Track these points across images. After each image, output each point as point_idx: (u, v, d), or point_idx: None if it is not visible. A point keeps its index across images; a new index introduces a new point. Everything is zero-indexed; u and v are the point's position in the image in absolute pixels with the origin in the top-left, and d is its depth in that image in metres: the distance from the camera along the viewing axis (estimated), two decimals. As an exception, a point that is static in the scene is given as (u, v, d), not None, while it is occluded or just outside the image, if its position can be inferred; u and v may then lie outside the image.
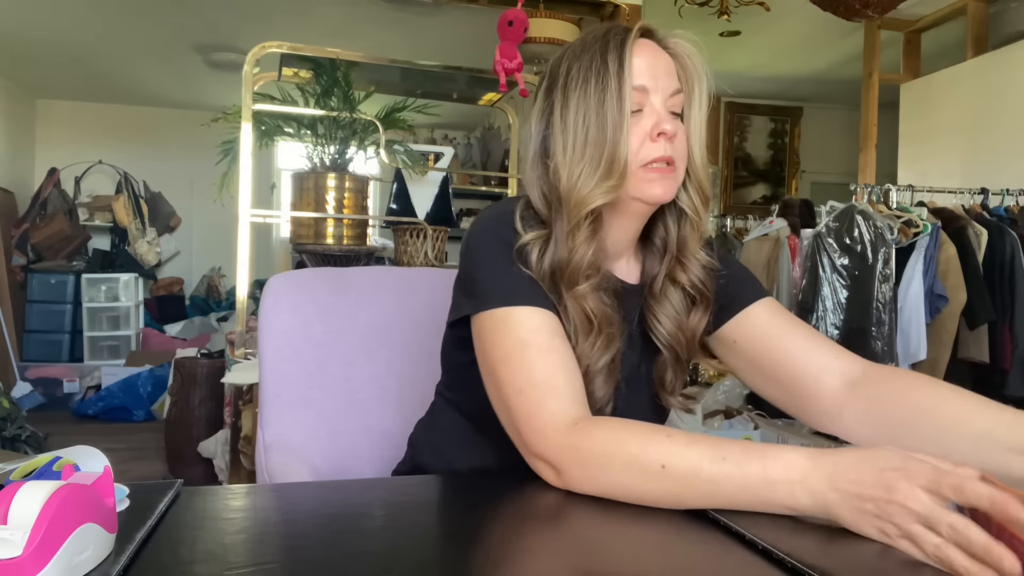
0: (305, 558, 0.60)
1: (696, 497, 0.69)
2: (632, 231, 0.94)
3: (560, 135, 0.88)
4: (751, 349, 0.94)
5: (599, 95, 0.86)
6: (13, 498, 0.50)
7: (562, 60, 0.91)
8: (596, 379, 0.85)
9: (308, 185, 2.59)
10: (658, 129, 0.87)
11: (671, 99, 0.90)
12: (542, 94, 0.93)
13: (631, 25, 0.92)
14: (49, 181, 5.93)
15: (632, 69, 0.87)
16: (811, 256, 3.05)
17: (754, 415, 2.34)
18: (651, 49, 0.91)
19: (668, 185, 0.89)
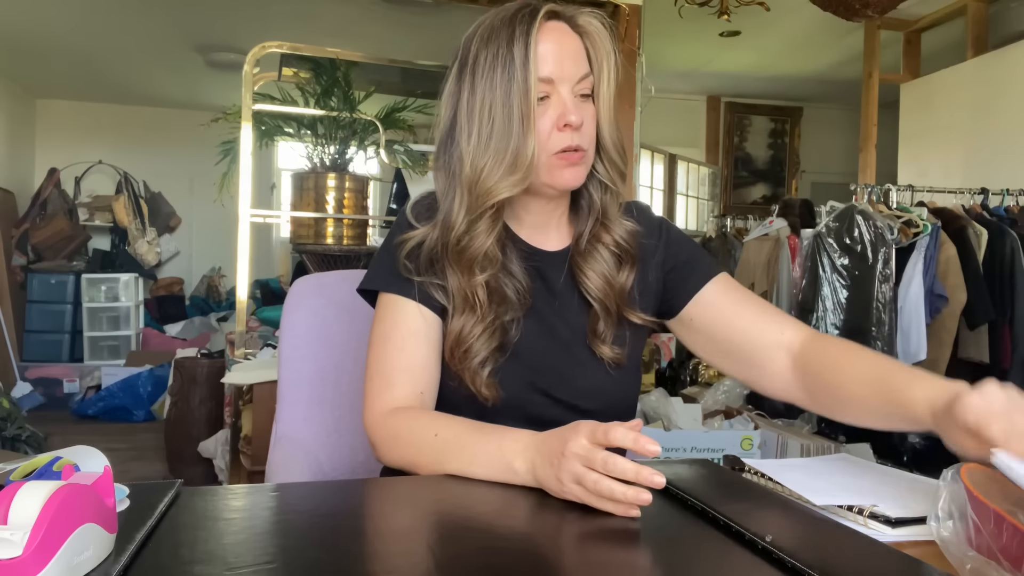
0: (305, 558, 0.60)
1: (456, 463, 0.80)
2: (553, 208, 0.97)
3: (466, 123, 0.89)
4: (708, 328, 0.98)
5: (505, 86, 0.86)
6: (13, 498, 0.50)
7: (472, 40, 0.92)
8: (474, 345, 0.90)
9: (308, 185, 2.59)
10: (564, 120, 0.88)
11: (579, 84, 0.90)
12: (453, 75, 0.93)
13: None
14: (49, 181, 5.93)
15: (538, 59, 0.86)
16: (811, 256, 3.05)
17: (754, 415, 2.34)
18: (557, 33, 0.90)
19: (578, 172, 0.90)
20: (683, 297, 0.98)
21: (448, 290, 0.92)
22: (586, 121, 0.89)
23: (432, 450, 0.83)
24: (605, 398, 0.95)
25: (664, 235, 1.01)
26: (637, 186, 3.03)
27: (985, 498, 0.61)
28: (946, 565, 0.61)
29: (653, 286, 0.99)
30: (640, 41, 2.94)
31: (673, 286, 0.99)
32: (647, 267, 0.99)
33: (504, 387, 0.91)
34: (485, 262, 0.90)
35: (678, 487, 0.76)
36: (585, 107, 0.90)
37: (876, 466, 1.01)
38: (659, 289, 0.99)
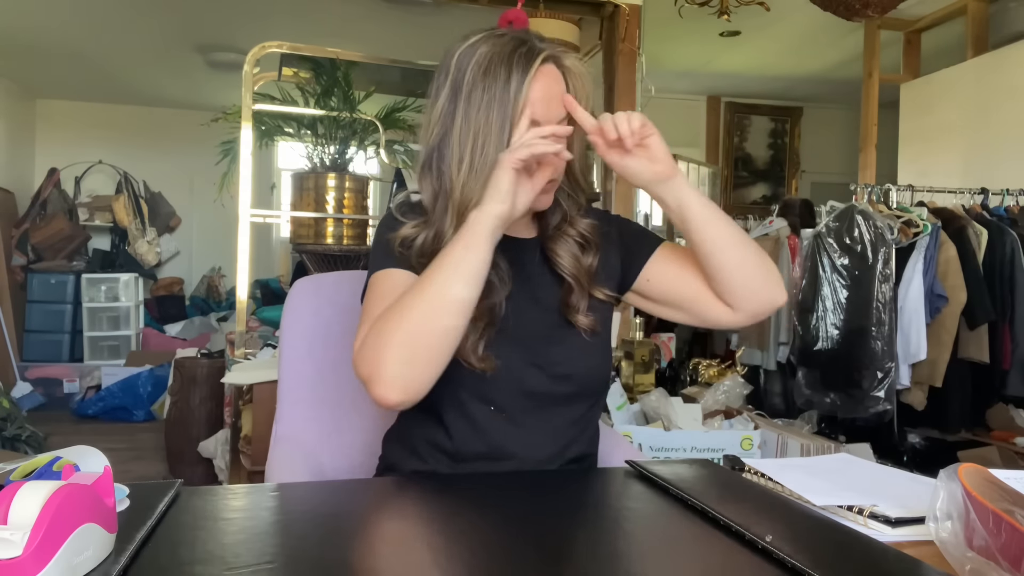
0: (305, 558, 0.60)
1: (440, 275, 0.89)
2: (525, 215, 1.05)
3: (458, 148, 0.98)
4: (660, 289, 1.11)
5: (499, 124, 0.96)
6: (13, 498, 0.50)
7: (468, 65, 0.98)
8: (468, 328, 0.95)
9: (308, 185, 2.59)
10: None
11: (558, 124, 0.99)
12: (446, 94, 1.00)
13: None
14: (49, 181, 5.93)
15: (530, 104, 0.97)
16: (811, 256, 3.05)
17: (754, 415, 2.34)
18: (549, 79, 0.99)
19: (550, 197, 1.03)
20: (636, 267, 1.10)
21: None
22: (562, 155, 0.98)
23: (413, 300, 0.88)
24: (583, 362, 1.04)
25: (616, 223, 1.15)
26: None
27: (983, 498, 0.61)
28: (945, 565, 0.61)
29: (615, 266, 1.11)
30: (640, 41, 2.94)
31: (628, 260, 1.11)
32: (608, 251, 1.10)
33: (498, 359, 0.99)
34: None
35: (678, 487, 0.76)
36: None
37: (876, 466, 1.01)
38: (618, 266, 1.11)
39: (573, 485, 0.89)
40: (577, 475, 0.96)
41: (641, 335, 2.62)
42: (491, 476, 0.98)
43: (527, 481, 0.94)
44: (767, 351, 3.44)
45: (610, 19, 2.97)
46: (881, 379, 2.80)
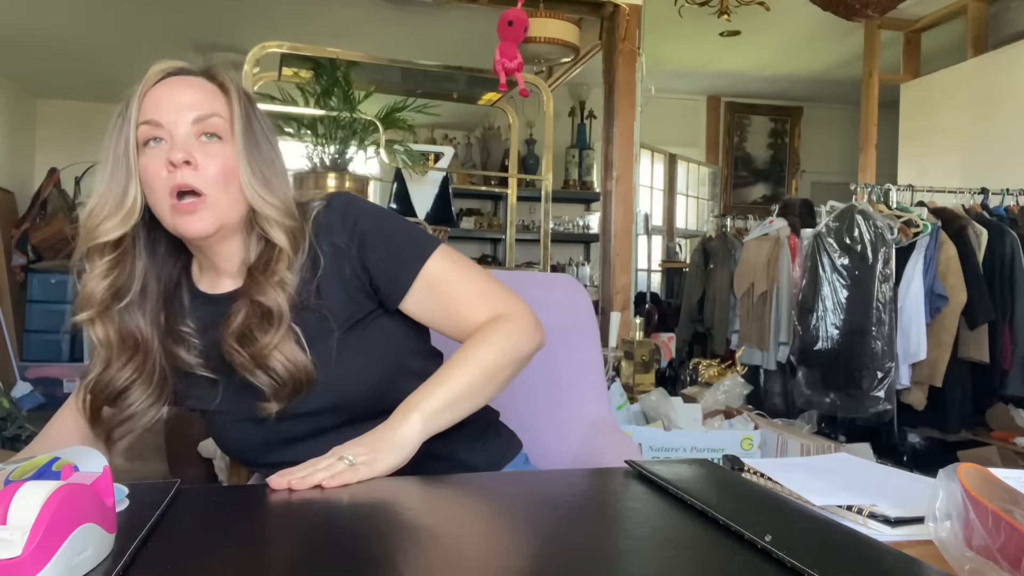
0: (304, 558, 0.60)
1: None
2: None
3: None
4: (422, 315, 1.00)
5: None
6: (13, 498, 0.50)
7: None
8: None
9: (308, 185, 2.59)
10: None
11: (193, 125, 0.92)
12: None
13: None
14: (49, 181, 5.92)
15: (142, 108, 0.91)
16: (811, 256, 3.05)
17: (754, 415, 2.34)
18: (170, 85, 0.94)
19: (193, 221, 0.91)
20: (392, 301, 0.98)
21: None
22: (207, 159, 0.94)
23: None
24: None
25: (362, 240, 0.97)
26: (637, 186, 3.03)
27: (982, 498, 0.61)
28: (945, 565, 0.61)
29: (354, 281, 0.97)
30: (640, 41, 2.94)
31: (383, 288, 0.98)
32: (341, 264, 0.96)
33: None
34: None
35: (678, 487, 0.76)
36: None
37: (876, 466, 1.01)
38: (366, 280, 0.97)
39: (573, 485, 0.89)
40: (577, 475, 0.96)
41: (641, 335, 2.62)
42: (491, 476, 0.98)
43: (526, 481, 0.94)
44: (767, 351, 3.44)
45: (610, 19, 2.97)
46: (881, 379, 2.80)
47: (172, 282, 1.01)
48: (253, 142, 0.94)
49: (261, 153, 0.95)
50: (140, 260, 0.97)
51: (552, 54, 2.98)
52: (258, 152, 0.95)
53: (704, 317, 4.16)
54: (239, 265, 0.98)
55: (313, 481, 0.78)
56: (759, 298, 3.48)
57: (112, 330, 0.95)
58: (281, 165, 0.98)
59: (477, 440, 1.06)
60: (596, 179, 5.86)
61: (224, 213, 0.92)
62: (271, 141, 0.98)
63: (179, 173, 0.89)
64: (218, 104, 0.94)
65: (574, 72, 3.55)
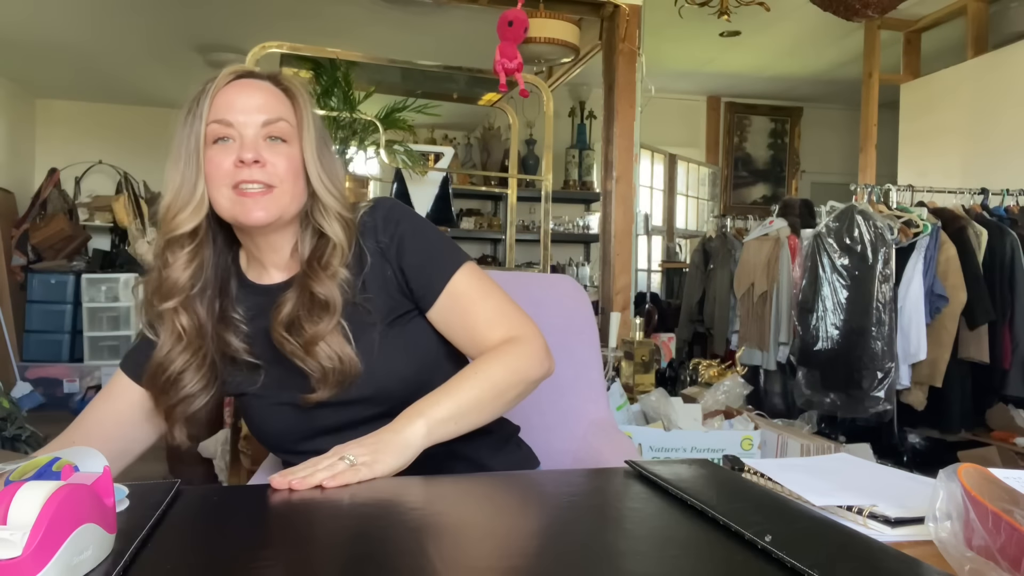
0: (305, 558, 0.60)
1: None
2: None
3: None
4: (443, 325, 1.04)
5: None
6: (13, 498, 0.50)
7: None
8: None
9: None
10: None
11: (261, 128, 0.98)
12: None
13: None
14: (49, 181, 5.92)
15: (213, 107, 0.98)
16: (811, 256, 3.05)
17: (754, 415, 2.33)
18: (241, 88, 1.00)
19: (255, 210, 0.97)
20: (424, 304, 1.03)
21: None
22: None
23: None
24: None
25: (400, 245, 1.02)
26: (637, 186, 3.03)
27: (982, 498, 0.61)
28: (945, 565, 0.61)
29: (393, 281, 1.02)
30: (640, 41, 2.94)
31: (416, 291, 1.02)
32: (383, 264, 1.01)
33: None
34: None
35: (678, 487, 0.76)
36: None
37: (876, 466, 1.01)
38: (403, 281, 1.02)
39: (573, 485, 0.89)
40: (577, 475, 0.96)
41: (641, 335, 2.62)
42: (491, 476, 0.98)
43: (525, 480, 0.94)
44: (767, 351, 3.44)
45: (610, 19, 2.97)
46: (881, 379, 2.80)
47: (226, 271, 1.06)
48: (320, 142, 1.01)
49: (324, 151, 1.02)
50: (207, 249, 1.02)
51: (552, 54, 2.98)
52: (322, 150, 1.01)
53: (704, 317, 4.16)
54: (286, 258, 1.04)
55: (314, 481, 0.79)
56: (759, 298, 3.48)
57: (186, 317, 0.99)
58: (338, 165, 1.05)
59: (500, 449, 1.09)
60: (596, 179, 5.86)
61: (285, 206, 0.98)
62: (328, 142, 1.05)
63: (247, 171, 0.95)
64: (285, 109, 1.00)
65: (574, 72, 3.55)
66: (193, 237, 0.99)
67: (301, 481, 0.79)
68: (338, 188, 1.01)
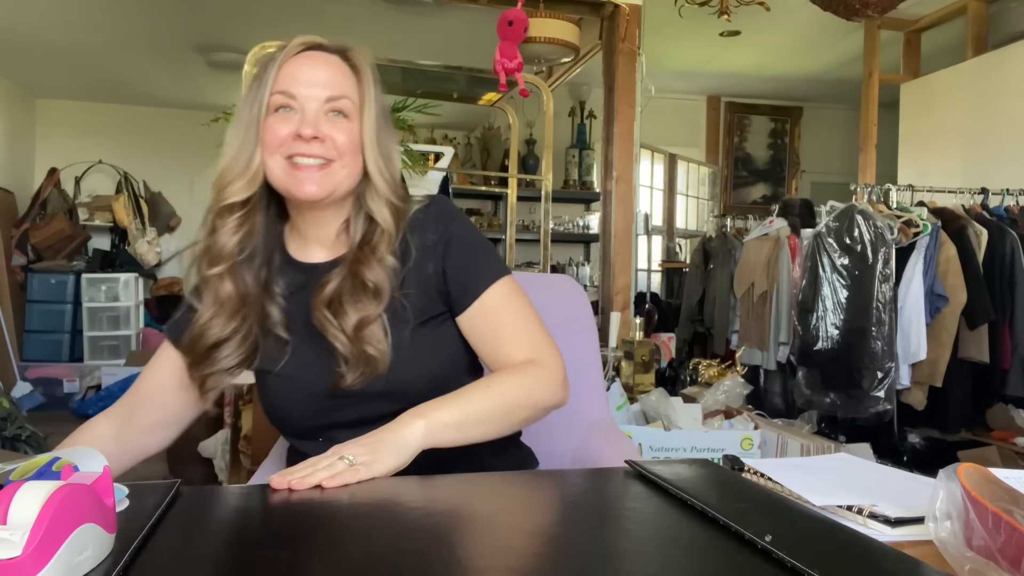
0: (305, 558, 0.60)
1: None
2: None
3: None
4: (470, 332, 1.03)
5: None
6: (13, 498, 0.50)
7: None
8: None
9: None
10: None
11: (325, 103, 0.97)
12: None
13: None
14: (49, 181, 5.92)
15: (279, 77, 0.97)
16: (811, 256, 3.05)
17: (754, 415, 2.34)
18: (309, 60, 0.99)
19: (310, 183, 0.97)
20: (458, 307, 1.02)
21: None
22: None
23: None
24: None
25: (446, 246, 1.02)
26: (637, 186, 3.03)
27: (982, 498, 0.61)
28: (945, 565, 0.61)
29: (432, 280, 1.01)
30: (640, 41, 2.94)
31: (452, 293, 1.02)
32: (425, 261, 1.01)
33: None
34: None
35: (678, 487, 0.76)
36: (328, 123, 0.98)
37: (876, 466, 1.01)
38: (442, 281, 1.02)
39: (573, 485, 0.89)
40: (577, 475, 0.96)
41: (641, 335, 2.62)
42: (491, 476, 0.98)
43: (525, 480, 0.94)
44: (767, 351, 3.44)
45: (610, 19, 2.97)
46: (881, 379, 2.80)
47: (275, 241, 1.05)
48: (380, 122, 1.00)
49: (384, 133, 1.01)
50: (259, 216, 1.01)
51: (552, 54, 2.98)
52: (382, 131, 1.01)
53: (704, 317, 4.16)
54: (332, 237, 1.03)
55: (313, 481, 0.79)
56: (759, 298, 3.48)
57: (231, 284, 0.99)
58: (396, 149, 1.04)
59: (501, 450, 1.08)
60: (596, 179, 5.86)
61: (339, 182, 0.98)
62: (389, 125, 1.03)
63: (304, 145, 0.95)
64: (349, 85, 0.99)
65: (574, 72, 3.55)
66: (244, 205, 0.99)
67: (300, 481, 0.78)
68: (392, 173, 1.00)
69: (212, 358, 0.99)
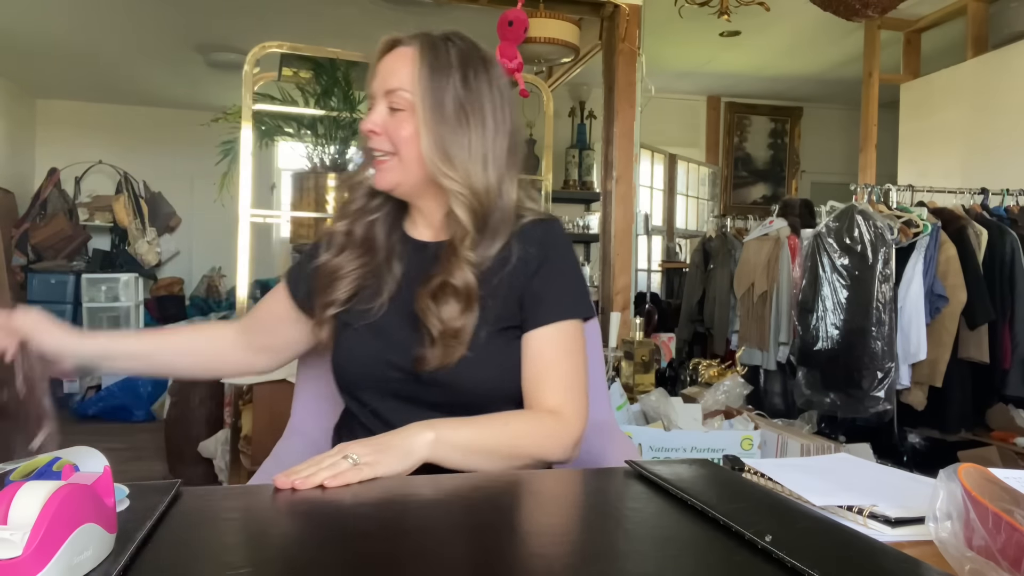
0: (305, 558, 0.60)
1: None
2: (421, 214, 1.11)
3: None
4: (522, 354, 1.04)
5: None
6: (13, 498, 0.50)
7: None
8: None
9: (308, 185, 2.60)
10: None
11: (385, 97, 1.03)
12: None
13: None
14: (49, 181, 5.93)
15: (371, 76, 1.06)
16: (811, 256, 3.05)
17: (754, 415, 2.33)
18: (388, 55, 1.05)
19: (383, 176, 1.03)
20: (525, 327, 1.04)
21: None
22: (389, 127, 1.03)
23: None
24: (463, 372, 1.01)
25: (543, 265, 1.03)
26: (637, 186, 3.03)
27: (982, 498, 0.61)
28: (945, 565, 0.61)
29: (518, 292, 1.03)
30: (640, 41, 2.94)
31: (525, 311, 1.03)
32: (520, 272, 1.02)
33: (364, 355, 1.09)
34: None
35: (678, 487, 0.76)
36: (385, 117, 1.03)
37: (876, 466, 1.01)
38: (523, 296, 1.03)
39: (573, 485, 0.89)
40: (577, 475, 0.96)
41: (641, 335, 2.62)
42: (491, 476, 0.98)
43: (525, 480, 0.94)
44: (767, 351, 3.44)
45: (610, 19, 2.97)
46: (881, 379, 2.80)
47: (396, 216, 1.12)
48: (438, 116, 1.00)
49: (446, 124, 1.00)
50: (383, 196, 1.09)
51: (552, 54, 2.98)
52: (442, 124, 1.00)
53: (704, 317, 4.16)
54: (436, 224, 1.08)
55: (316, 480, 0.79)
56: (759, 298, 3.48)
57: (359, 230, 1.08)
58: (479, 147, 1.01)
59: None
60: (596, 179, 5.85)
61: (403, 176, 1.02)
62: (469, 113, 1.01)
63: (372, 138, 1.03)
64: (408, 78, 1.01)
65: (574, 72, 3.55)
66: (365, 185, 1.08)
67: (304, 481, 0.79)
68: (458, 169, 1.00)
69: (325, 292, 1.06)
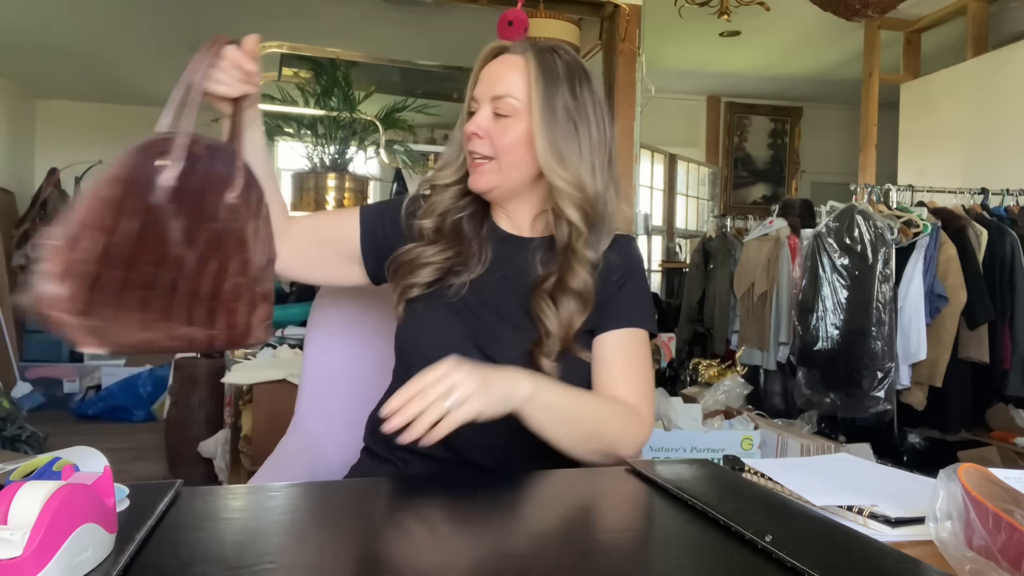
0: (305, 558, 0.60)
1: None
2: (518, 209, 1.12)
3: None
4: (599, 353, 1.06)
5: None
6: (13, 498, 0.50)
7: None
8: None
9: (308, 185, 2.59)
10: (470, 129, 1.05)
11: (490, 103, 1.04)
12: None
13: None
14: (49, 181, 5.92)
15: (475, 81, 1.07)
16: (811, 256, 3.05)
17: (754, 415, 2.33)
18: (493, 62, 1.07)
19: (478, 177, 1.05)
20: (600, 329, 1.06)
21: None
22: (492, 132, 1.04)
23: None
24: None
25: (627, 277, 1.09)
26: (637, 186, 3.03)
27: (983, 498, 0.61)
28: (945, 565, 0.61)
29: (600, 296, 1.06)
30: (640, 41, 2.94)
31: (607, 312, 1.07)
32: (605, 278, 1.06)
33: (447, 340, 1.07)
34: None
35: (678, 487, 0.76)
36: (489, 122, 1.04)
37: (876, 466, 1.01)
38: (603, 301, 1.06)
39: (573, 485, 0.89)
40: (577, 475, 0.96)
41: (641, 335, 2.61)
42: (490, 476, 0.98)
43: (525, 480, 0.94)
44: (767, 351, 3.44)
45: (610, 19, 2.97)
46: (881, 379, 2.80)
47: (484, 212, 1.13)
48: (551, 120, 1.02)
49: (558, 129, 1.03)
50: (471, 195, 1.11)
51: (552, 54, 2.97)
52: (555, 128, 1.02)
53: (704, 317, 4.16)
54: (525, 225, 1.11)
55: (418, 431, 0.79)
56: (759, 298, 3.48)
57: (448, 226, 1.08)
58: (587, 154, 1.05)
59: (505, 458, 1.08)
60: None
61: (502, 179, 1.05)
62: (577, 121, 1.05)
63: (473, 142, 1.04)
64: (517, 86, 1.03)
65: (574, 72, 3.54)
66: (455, 185, 1.10)
67: (409, 432, 0.79)
68: (570, 170, 1.02)
69: (416, 273, 1.06)
